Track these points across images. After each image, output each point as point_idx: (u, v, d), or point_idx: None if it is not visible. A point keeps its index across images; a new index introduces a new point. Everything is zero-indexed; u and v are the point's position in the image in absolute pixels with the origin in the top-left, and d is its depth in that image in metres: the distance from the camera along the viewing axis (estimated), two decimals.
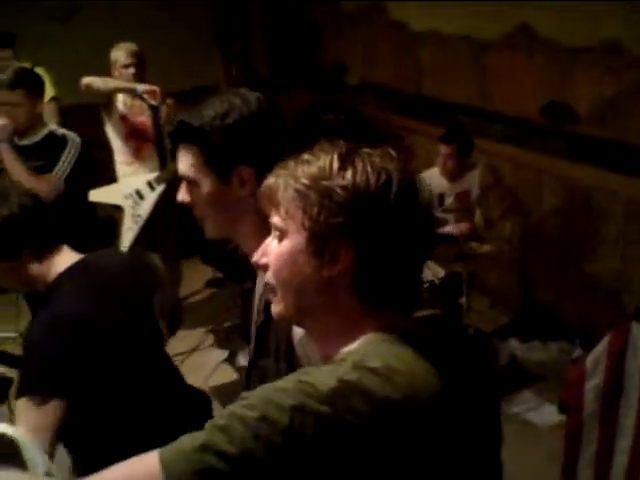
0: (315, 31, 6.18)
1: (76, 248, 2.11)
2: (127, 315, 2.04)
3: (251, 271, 1.58)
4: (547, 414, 3.68)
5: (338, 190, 1.05)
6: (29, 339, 1.87)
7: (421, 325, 1.15)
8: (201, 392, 2.62)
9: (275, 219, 1.13)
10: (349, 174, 1.06)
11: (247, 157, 1.50)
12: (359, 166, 1.07)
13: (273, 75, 6.80)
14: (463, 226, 4.20)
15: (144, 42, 4.62)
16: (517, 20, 4.42)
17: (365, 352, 1.04)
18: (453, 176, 4.31)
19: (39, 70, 4.98)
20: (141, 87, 4.15)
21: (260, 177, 1.43)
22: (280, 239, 1.13)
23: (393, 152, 1.13)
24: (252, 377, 1.57)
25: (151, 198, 4.34)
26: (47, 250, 2.01)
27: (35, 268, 1.99)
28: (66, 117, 5.07)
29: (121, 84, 4.23)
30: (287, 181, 1.11)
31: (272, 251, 1.15)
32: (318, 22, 6.12)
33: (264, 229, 1.26)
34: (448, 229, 4.24)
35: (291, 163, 1.13)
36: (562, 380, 3.56)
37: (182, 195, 1.58)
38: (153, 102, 4.14)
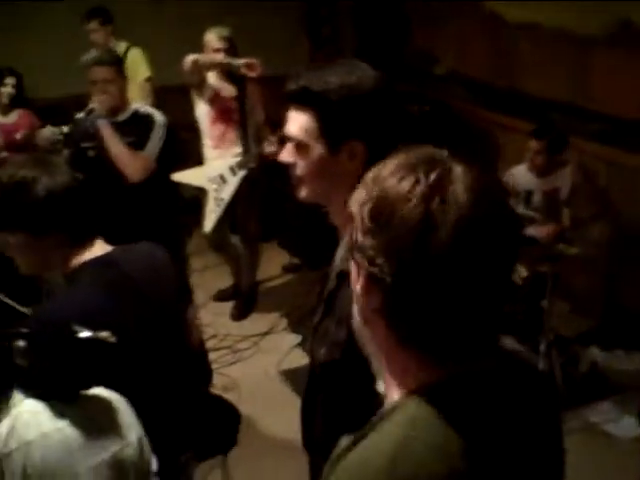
0: (404, 20, 6.10)
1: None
2: (140, 312, 1.89)
3: (328, 257, 1.58)
4: (627, 426, 3.58)
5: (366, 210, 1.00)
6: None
7: (473, 386, 1.03)
8: (222, 400, 2.66)
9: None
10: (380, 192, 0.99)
11: (362, 132, 1.49)
12: (395, 185, 0.98)
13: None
14: (547, 229, 4.08)
15: (231, 23, 4.66)
16: (620, 16, 4.25)
17: (392, 439, 0.96)
18: (542, 173, 4.18)
19: (135, 50, 5.10)
20: (241, 61, 4.23)
21: (370, 154, 1.47)
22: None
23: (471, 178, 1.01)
24: (316, 336, 1.57)
25: (233, 182, 4.42)
26: (80, 239, 1.87)
27: (60, 254, 1.85)
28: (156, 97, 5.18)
29: (224, 59, 4.30)
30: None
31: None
32: (408, 10, 6.03)
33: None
34: (531, 231, 4.13)
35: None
36: None
37: (286, 155, 1.56)
38: (253, 74, 4.20)
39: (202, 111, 4.52)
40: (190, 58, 4.22)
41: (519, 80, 5.08)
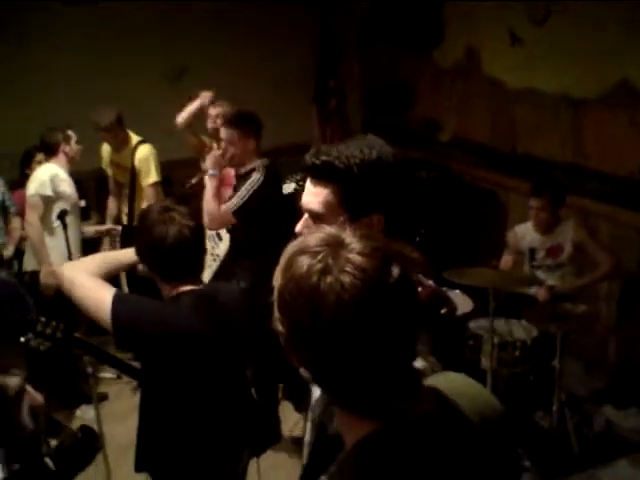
0: (409, 88, 6.26)
1: None
2: (220, 337, 2.30)
3: None
4: None
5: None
6: None
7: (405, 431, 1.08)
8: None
9: None
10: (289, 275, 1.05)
11: (382, 205, 1.51)
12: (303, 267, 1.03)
13: (365, 132, 6.90)
14: (543, 290, 4.12)
15: (245, 96, 4.85)
16: (617, 77, 4.36)
17: None
18: (546, 229, 4.24)
19: (145, 147, 5.10)
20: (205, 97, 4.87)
21: (387, 224, 1.51)
22: None
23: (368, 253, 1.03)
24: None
25: (227, 239, 4.57)
26: (178, 279, 2.30)
27: (162, 286, 2.33)
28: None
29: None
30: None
31: None
32: (412, 78, 6.20)
33: None
34: (533, 291, 4.16)
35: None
36: None
37: (301, 227, 1.56)
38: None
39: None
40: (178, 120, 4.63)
41: (520, 143, 5.18)
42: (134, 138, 5.00)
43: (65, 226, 4.19)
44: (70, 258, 4.32)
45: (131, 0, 5.74)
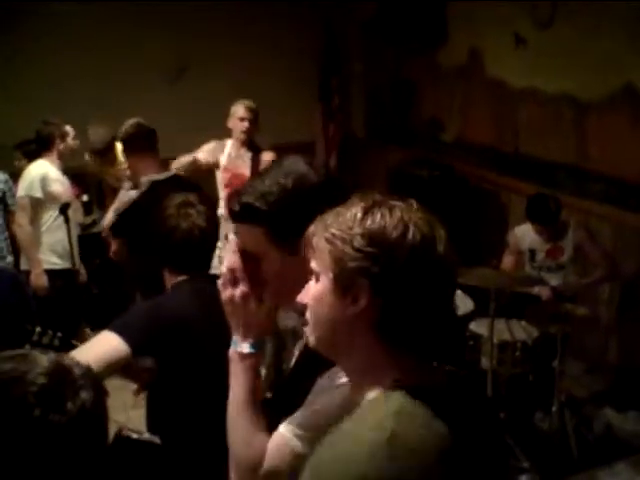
0: (412, 88, 6.26)
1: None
2: (213, 330, 2.13)
3: None
4: None
5: (358, 237, 1.15)
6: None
7: (440, 378, 1.24)
8: None
9: (312, 263, 1.24)
10: (368, 223, 1.16)
11: None
12: (378, 217, 1.17)
13: (369, 132, 6.91)
14: (546, 290, 4.12)
15: (248, 95, 4.84)
16: (621, 80, 4.35)
17: (382, 420, 1.11)
18: (549, 238, 4.26)
19: None
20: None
21: None
22: (316, 281, 1.23)
23: (416, 204, 1.22)
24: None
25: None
26: (181, 272, 2.34)
27: (165, 275, 2.38)
28: None
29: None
30: (320, 230, 1.21)
31: (310, 291, 1.26)
32: (415, 79, 6.20)
33: None
34: (536, 290, 4.16)
35: (328, 214, 1.22)
36: None
37: (229, 263, 1.53)
38: None
39: (218, 177, 4.82)
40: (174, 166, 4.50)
41: (523, 144, 5.18)
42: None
43: (67, 220, 4.18)
44: (72, 252, 4.32)
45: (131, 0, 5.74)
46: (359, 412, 1.16)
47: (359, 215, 1.17)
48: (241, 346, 1.51)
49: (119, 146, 4.35)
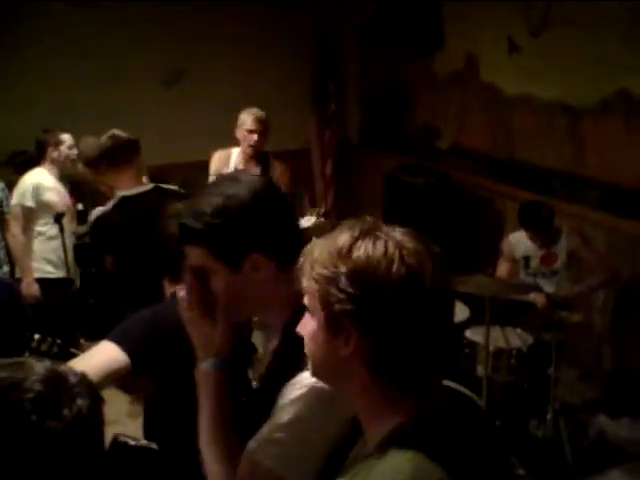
0: (407, 94, 6.27)
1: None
2: None
3: None
4: None
5: (342, 278, 1.12)
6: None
7: (441, 402, 1.20)
8: None
9: (305, 299, 1.21)
10: (353, 258, 1.13)
11: (254, 244, 1.51)
12: (362, 251, 1.13)
13: (363, 138, 6.92)
14: (541, 297, 4.13)
15: (243, 100, 4.83)
16: (614, 86, 4.37)
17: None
18: (542, 244, 4.28)
19: None
20: None
21: (276, 257, 1.52)
22: (311, 316, 1.21)
23: (405, 232, 1.17)
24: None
25: None
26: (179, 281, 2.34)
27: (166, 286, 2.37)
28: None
29: None
30: (308, 267, 1.18)
31: (305, 326, 1.23)
32: (410, 85, 6.21)
33: (282, 303, 1.47)
34: (532, 297, 4.17)
35: (316, 245, 1.19)
36: None
37: (185, 288, 1.57)
38: None
39: None
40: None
41: (518, 150, 5.19)
42: None
43: (62, 229, 4.19)
44: (66, 261, 4.32)
45: (128, 2, 5.74)
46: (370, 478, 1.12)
47: (344, 249, 1.14)
48: (202, 365, 1.57)
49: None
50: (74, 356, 2.57)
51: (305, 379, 1.42)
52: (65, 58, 5.67)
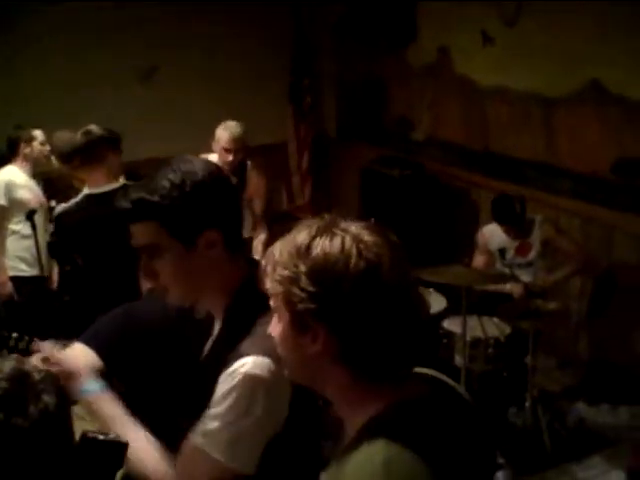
0: (382, 87, 6.27)
1: None
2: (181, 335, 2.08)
3: None
4: None
5: (303, 277, 1.14)
6: None
7: (420, 392, 1.21)
8: None
9: (271, 301, 1.22)
10: (312, 257, 1.14)
11: (211, 220, 1.52)
12: (319, 249, 1.14)
13: (340, 131, 6.91)
14: (517, 287, 4.15)
15: (218, 95, 4.79)
16: (587, 76, 4.40)
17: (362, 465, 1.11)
18: (516, 235, 4.30)
19: None
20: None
21: (226, 237, 1.53)
22: (278, 320, 1.23)
23: (364, 225, 1.18)
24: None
25: None
26: None
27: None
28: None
29: None
30: (270, 269, 1.20)
31: (274, 329, 1.24)
32: (385, 77, 6.21)
33: (225, 288, 1.52)
34: (507, 287, 4.19)
35: (276, 246, 1.20)
36: (633, 446, 3.46)
37: (144, 270, 1.56)
38: None
39: None
40: None
41: (493, 141, 5.21)
42: None
43: (34, 227, 4.13)
44: (40, 259, 4.26)
45: (100, 2, 5.68)
46: (345, 469, 1.14)
47: (303, 248, 1.15)
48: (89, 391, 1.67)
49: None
50: None
51: (241, 367, 1.43)
52: (36, 57, 5.58)
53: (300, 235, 1.17)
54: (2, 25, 5.42)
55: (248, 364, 1.42)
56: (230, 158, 4.32)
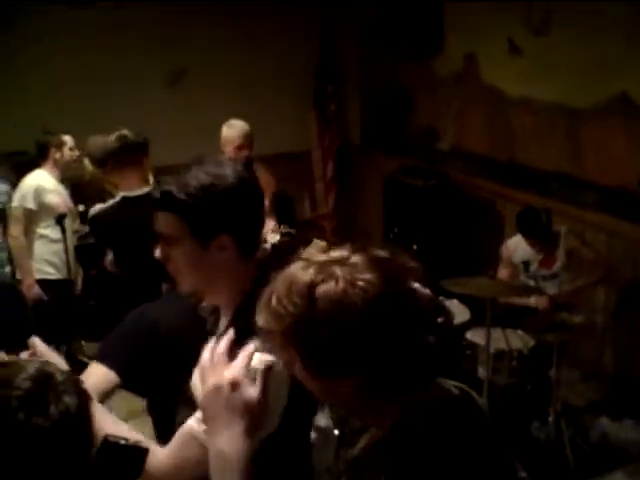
0: (407, 96, 6.26)
1: None
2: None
3: None
4: None
5: (310, 319, 1.18)
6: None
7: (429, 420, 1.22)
8: None
9: (269, 338, 1.28)
10: (317, 303, 1.18)
11: (229, 226, 1.58)
12: (325, 294, 1.17)
13: (364, 140, 6.91)
14: (543, 300, 4.12)
15: (243, 103, 4.81)
16: (615, 89, 4.37)
17: None
18: (541, 249, 4.28)
19: None
20: None
21: (240, 243, 1.59)
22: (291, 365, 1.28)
23: (372, 263, 1.21)
24: None
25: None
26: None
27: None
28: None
29: None
30: (274, 303, 1.23)
31: (296, 372, 1.28)
32: (411, 86, 6.21)
33: (235, 287, 1.57)
34: (532, 301, 4.16)
35: (278, 280, 1.24)
36: None
37: (160, 252, 1.64)
38: None
39: None
40: None
41: (518, 152, 5.19)
42: None
43: (64, 230, 4.18)
44: (68, 262, 4.31)
45: (130, 2, 5.73)
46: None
47: (307, 288, 1.18)
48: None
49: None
50: (82, 364, 2.56)
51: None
52: (65, 58, 5.65)
53: (302, 274, 1.21)
54: (2, 25, 5.47)
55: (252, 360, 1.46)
56: (245, 153, 4.47)
